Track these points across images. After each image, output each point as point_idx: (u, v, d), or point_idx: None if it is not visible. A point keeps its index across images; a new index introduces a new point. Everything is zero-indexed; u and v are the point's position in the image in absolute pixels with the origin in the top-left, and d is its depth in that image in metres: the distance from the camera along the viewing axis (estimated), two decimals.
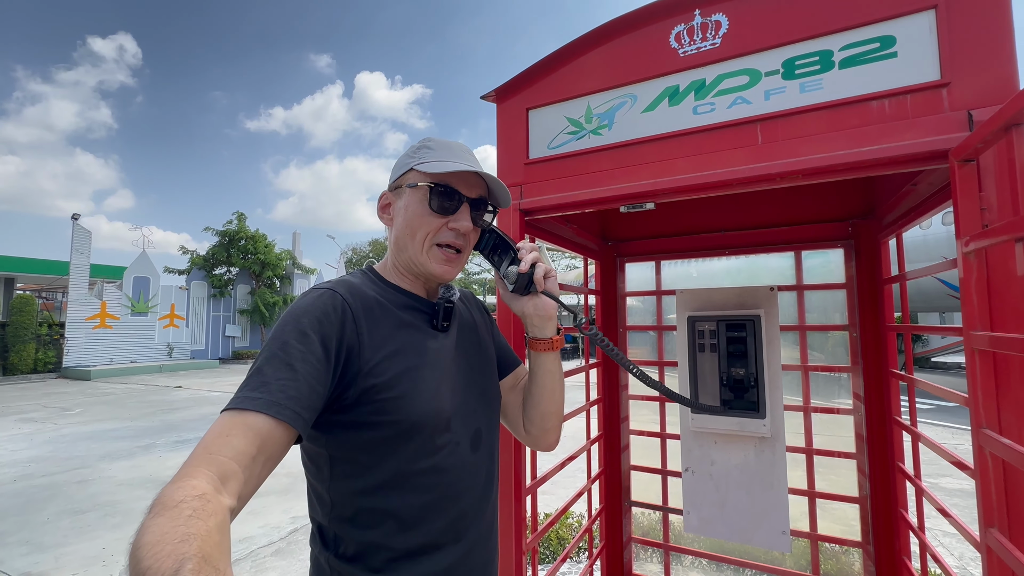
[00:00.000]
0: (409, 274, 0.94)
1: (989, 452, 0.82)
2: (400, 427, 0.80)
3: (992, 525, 0.82)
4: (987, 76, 0.90)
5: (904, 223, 1.53)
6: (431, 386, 0.84)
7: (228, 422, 0.65)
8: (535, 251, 0.96)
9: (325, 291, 0.82)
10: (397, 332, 0.86)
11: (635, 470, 2.34)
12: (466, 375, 0.94)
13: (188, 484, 0.55)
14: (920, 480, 1.56)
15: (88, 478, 5.36)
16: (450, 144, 0.92)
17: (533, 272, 0.93)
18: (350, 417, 0.78)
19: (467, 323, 1.02)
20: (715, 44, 1.14)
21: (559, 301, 0.96)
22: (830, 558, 3.07)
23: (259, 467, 0.64)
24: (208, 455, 0.60)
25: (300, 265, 23.04)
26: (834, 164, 0.99)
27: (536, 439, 1.05)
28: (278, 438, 0.66)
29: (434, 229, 0.89)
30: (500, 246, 0.97)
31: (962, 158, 0.86)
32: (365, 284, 0.89)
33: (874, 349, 1.83)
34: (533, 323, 0.97)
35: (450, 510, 0.85)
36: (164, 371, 16.33)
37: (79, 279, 15.88)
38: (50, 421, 8.41)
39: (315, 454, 0.83)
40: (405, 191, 0.91)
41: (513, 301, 0.98)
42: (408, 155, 0.93)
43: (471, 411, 0.92)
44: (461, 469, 0.87)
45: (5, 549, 3.71)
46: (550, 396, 1.01)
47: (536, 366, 1.00)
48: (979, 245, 0.83)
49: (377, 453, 0.80)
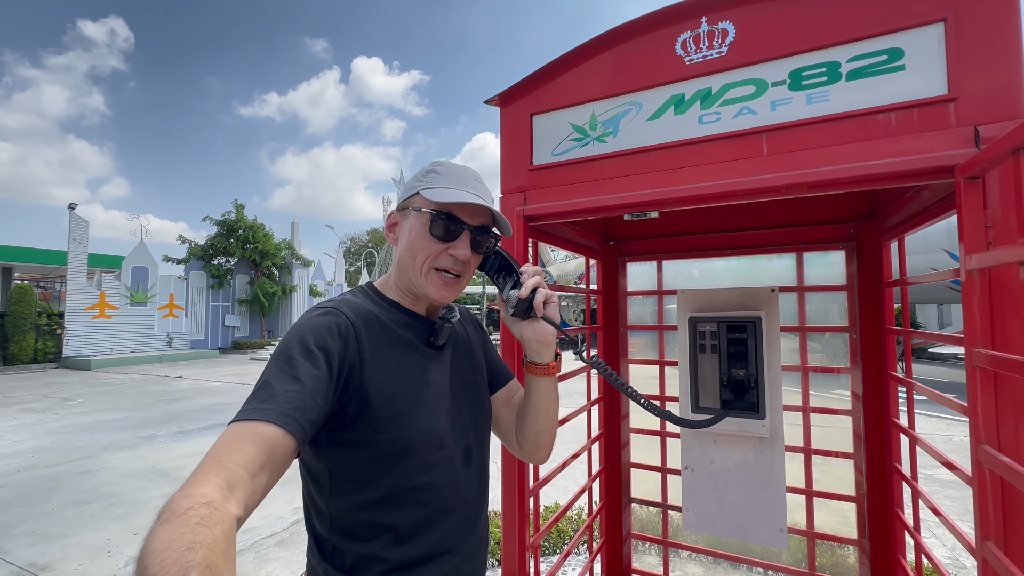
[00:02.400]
0: (409, 293, 0.96)
1: (988, 468, 0.84)
2: (396, 445, 0.83)
3: (989, 538, 0.84)
4: (995, 91, 0.89)
5: (907, 228, 1.54)
6: (427, 405, 0.87)
7: (238, 431, 0.66)
8: (538, 275, 0.97)
9: (329, 310, 0.85)
10: (395, 351, 0.88)
11: (635, 467, 2.37)
12: (459, 393, 0.97)
13: (197, 492, 0.55)
14: (916, 481, 1.58)
15: (91, 469, 5.41)
16: (459, 171, 0.94)
17: (533, 297, 0.94)
18: (349, 435, 0.81)
19: (462, 341, 1.04)
20: (722, 53, 1.13)
21: (558, 328, 0.96)
22: (826, 551, 3.12)
23: (266, 476, 0.65)
24: (218, 463, 0.61)
25: (299, 256, 22.99)
26: (840, 178, 1.00)
27: (529, 454, 1.08)
28: (285, 448, 0.67)
29: (434, 254, 0.91)
30: (504, 268, 0.99)
31: (968, 176, 0.86)
32: (366, 303, 0.92)
33: (874, 351, 1.84)
34: (531, 347, 0.98)
35: (444, 524, 0.88)
36: (164, 361, 16.38)
37: (77, 269, 15.85)
38: (52, 412, 8.45)
39: (315, 469, 0.85)
40: (411, 214, 0.93)
41: (513, 324, 0.99)
42: (417, 178, 0.95)
43: (463, 428, 0.95)
44: (455, 484, 0.91)
45: (11, 540, 3.76)
46: (544, 416, 1.03)
47: (532, 388, 1.01)
48: (983, 263, 0.83)
49: (375, 470, 0.83)
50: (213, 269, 19.92)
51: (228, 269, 20.62)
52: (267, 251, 21.00)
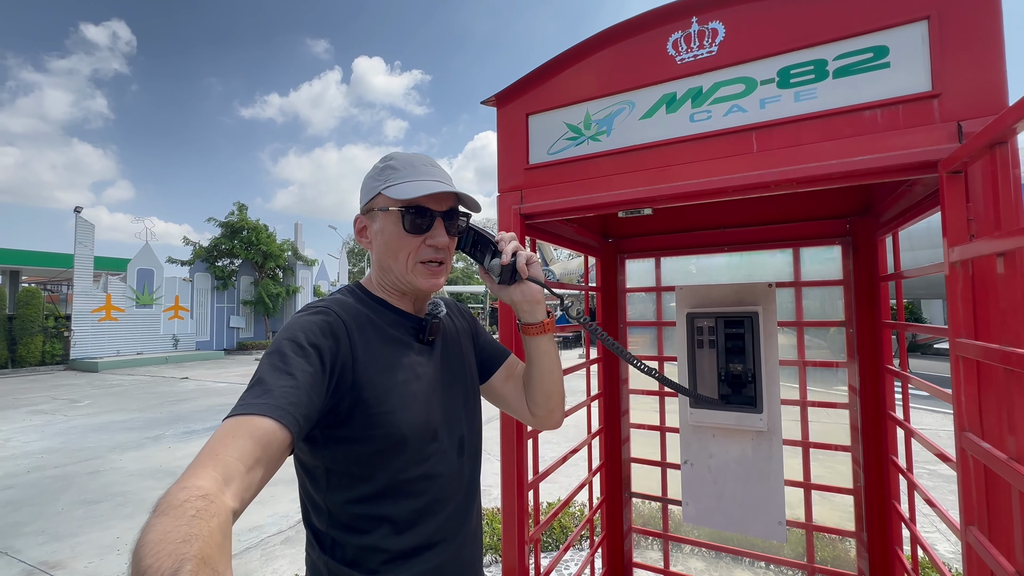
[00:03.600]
0: (396, 291, 0.97)
1: (971, 455, 0.86)
2: (391, 439, 0.84)
3: (972, 523, 0.86)
4: (977, 87, 0.91)
5: (901, 222, 1.55)
6: (419, 399, 0.89)
7: (233, 425, 0.66)
8: (514, 240, 0.99)
9: (320, 310, 0.87)
10: (387, 348, 0.90)
11: (635, 462, 2.39)
12: (450, 385, 0.99)
13: (193, 484, 0.55)
14: (912, 473, 1.60)
15: (99, 469, 5.48)
16: (413, 160, 0.94)
17: (516, 261, 0.96)
18: (344, 431, 0.82)
19: (451, 333, 1.06)
20: (712, 52, 1.15)
21: (544, 284, 0.99)
22: (827, 545, 3.14)
23: (262, 470, 0.65)
24: (214, 456, 0.61)
25: (301, 256, 23.07)
26: (828, 173, 1.01)
27: (543, 419, 1.09)
28: (280, 441, 0.68)
29: (414, 248, 0.92)
30: (480, 242, 1.00)
31: (950, 170, 0.88)
32: (356, 302, 0.93)
33: (870, 345, 1.86)
34: (523, 309, 1.00)
35: (440, 513, 0.91)
36: (170, 362, 16.50)
37: (84, 272, 15.98)
38: (60, 413, 8.54)
39: (312, 466, 0.87)
40: (378, 215, 0.93)
41: (501, 292, 1.01)
42: (373, 177, 0.95)
43: (456, 419, 0.98)
44: (449, 474, 0.93)
45: (22, 539, 3.82)
46: (550, 376, 1.05)
47: (532, 349, 1.03)
48: (965, 255, 0.85)
49: (371, 465, 0.84)
50: (217, 271, 20.02)
51: (232, 271, 20.73)
52: (271, 252, 21.10)
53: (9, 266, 18.88)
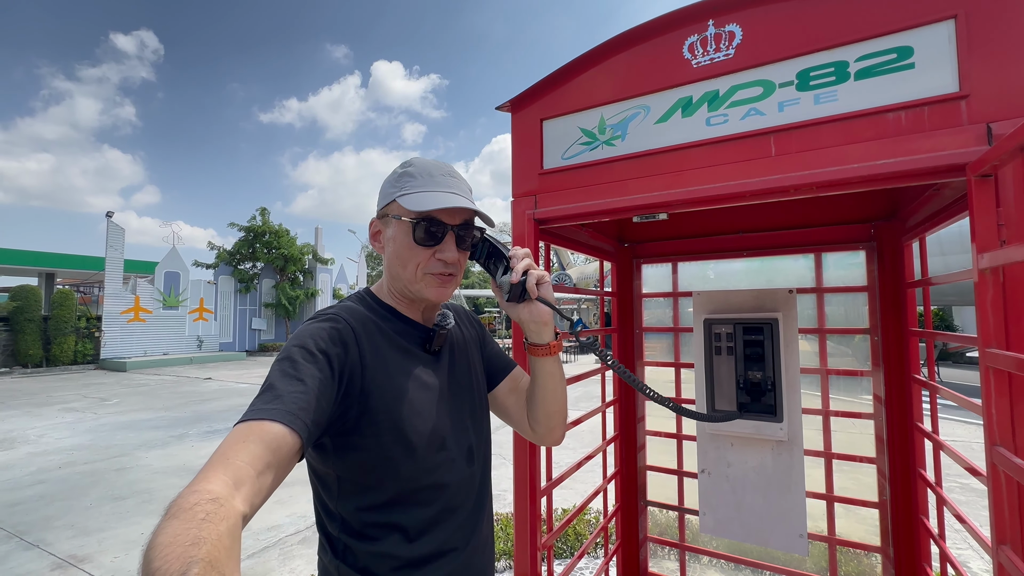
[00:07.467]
0: (404, 299, 0.97)
1: (1003, 470, 0.82)
2: (398, 448, 0.84)
3: (1004, 542, 0.82)
4: (1007, 88, 0.88)
5: (929, 227, 1.50)
6: (427, 408, 0.89)
7: (244, 430, 0.66)
8: (528, 258, 0.97)
9: (330, 317, 0.87)
10: (395, 357, 0.90)
11: (651, 470, 2.36)
12: (457, 394, 0.98)
13: (203, 488, 0.56)
14: (941, 487, 1.54)
15: (126, 466, 5.64)
16: (431, 168, 0.92)
17: (526, 280, 0.94)
18: (353, 439, 0.83)
19: (459, 342, 1.06)
20: (728, 55, 1.14)
21: (553, 307, 0.97)
22: (851, 559, 3.04)
23: (272, 474, 0.65)
24: (225, 460, 0.61)
25: (319, 258, 23.45)
26: (849, 177, 0.99)
27: (542, 436, 1.08)
28: (290, 446, 0.68)
29: (423, 260, 0.90)
30: (494, 254, 0.99)
31: (979, 173, 0.85)
32: (365, 309, 0.94)
33: (896, 353, 1.80)
34: (530, 329, 0.99)
35: (451, 521, 0.91)
36: (195, 363, 16.91)
37: (114, 274, 16.51)
38: (90, 411, 8.82)
39: (323, 473, 0.88)
40: (391, 221, 0.93)
41: (510, 309, 1.00)
42: (391, 183, 0.94)
43: (464, 429, 0.97)
44: (459, 483, 0.93)
45: (53, 532, 3.95)
46: (553, 397, 1.03)
47: (537, 370, 1.02)
48: (996, 262, 0.82)
49: (380, 473, 0.85)
50: (240, 274, 20.50)
51: (254, 274, 21.19)
52: (291, 256, 21.50)
53: (45, 268, 19.63)
